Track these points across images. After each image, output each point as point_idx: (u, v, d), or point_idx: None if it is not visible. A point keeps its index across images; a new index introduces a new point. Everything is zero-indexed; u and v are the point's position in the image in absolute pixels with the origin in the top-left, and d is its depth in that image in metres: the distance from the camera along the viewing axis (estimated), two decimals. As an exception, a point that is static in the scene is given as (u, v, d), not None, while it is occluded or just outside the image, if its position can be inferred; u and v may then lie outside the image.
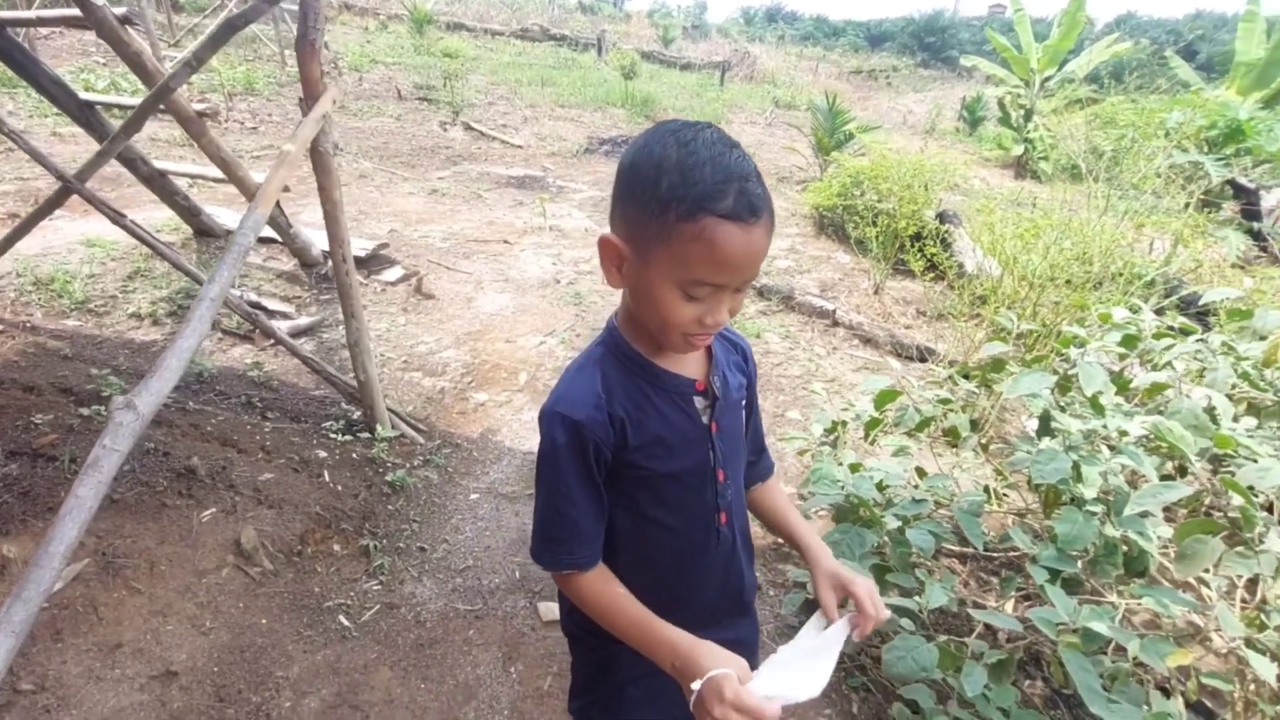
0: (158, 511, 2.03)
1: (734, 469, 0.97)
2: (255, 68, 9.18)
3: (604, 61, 14.43)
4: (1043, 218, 3.59)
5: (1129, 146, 5.22)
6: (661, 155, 0.74)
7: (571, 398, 0.85)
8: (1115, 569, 1.59)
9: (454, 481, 2.58)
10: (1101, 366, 1.74)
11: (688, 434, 0.89)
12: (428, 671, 1.81)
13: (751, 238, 0.74)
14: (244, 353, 3.17)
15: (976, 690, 1.40)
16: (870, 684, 1.86)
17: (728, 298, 0.79)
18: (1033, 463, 1.65)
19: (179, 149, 5.98)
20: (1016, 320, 2.25)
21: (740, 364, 1.00)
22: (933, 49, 27.58)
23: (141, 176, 3.57)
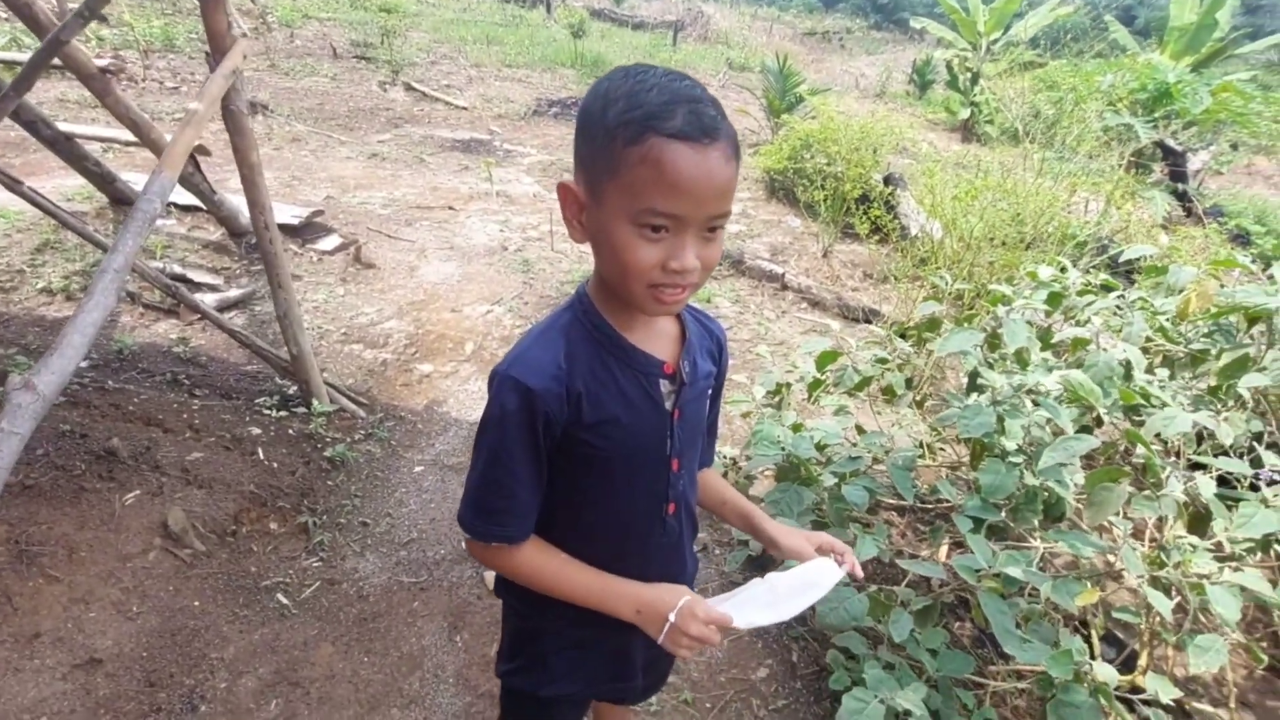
0: (76, 496, 1.93)
1: (689, 459, 0.93)
2: (175, 22, 8.54)
3: (553, 20, 13.95)
4: (980, 180, 3.66)
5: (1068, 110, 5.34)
6: (609, 88, 0.71)
7: (529, 363, 0.79)
8: (1036, 515, 1.67)
9: (397, 455, 2.53)
10: (1026, 323, 1.80)
11: (647, 417, 0.85)
12: (371, 645, 1.79)
13: (706, 159, 0.68)
14: (168, 328, 3.01)
15: (903, 635, 1.46)
16: (808, 634, 1.92)
17: (691, 238, 0.71)
18: (960, 417, 1.71)
19: (90, 110, 5.55)
20: (951, 280, 2.30)
21: (714, 352, 0.96)
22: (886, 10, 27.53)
23: (45, 140, 3.30)
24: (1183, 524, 1.50)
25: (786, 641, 1.93)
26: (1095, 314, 1.90)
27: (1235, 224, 5.63)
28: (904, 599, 1.56)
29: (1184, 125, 5.86)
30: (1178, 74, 5.41)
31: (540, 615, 0.97)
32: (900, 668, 1.54)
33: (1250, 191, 8.29)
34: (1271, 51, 11.68)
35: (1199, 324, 2.00)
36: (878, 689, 1.38)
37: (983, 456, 1.82)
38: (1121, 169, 4.79)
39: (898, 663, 1.57)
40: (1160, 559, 1.41)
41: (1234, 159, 8.36)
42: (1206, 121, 5.47)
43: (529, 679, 1.01)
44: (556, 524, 0.89)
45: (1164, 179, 5.83)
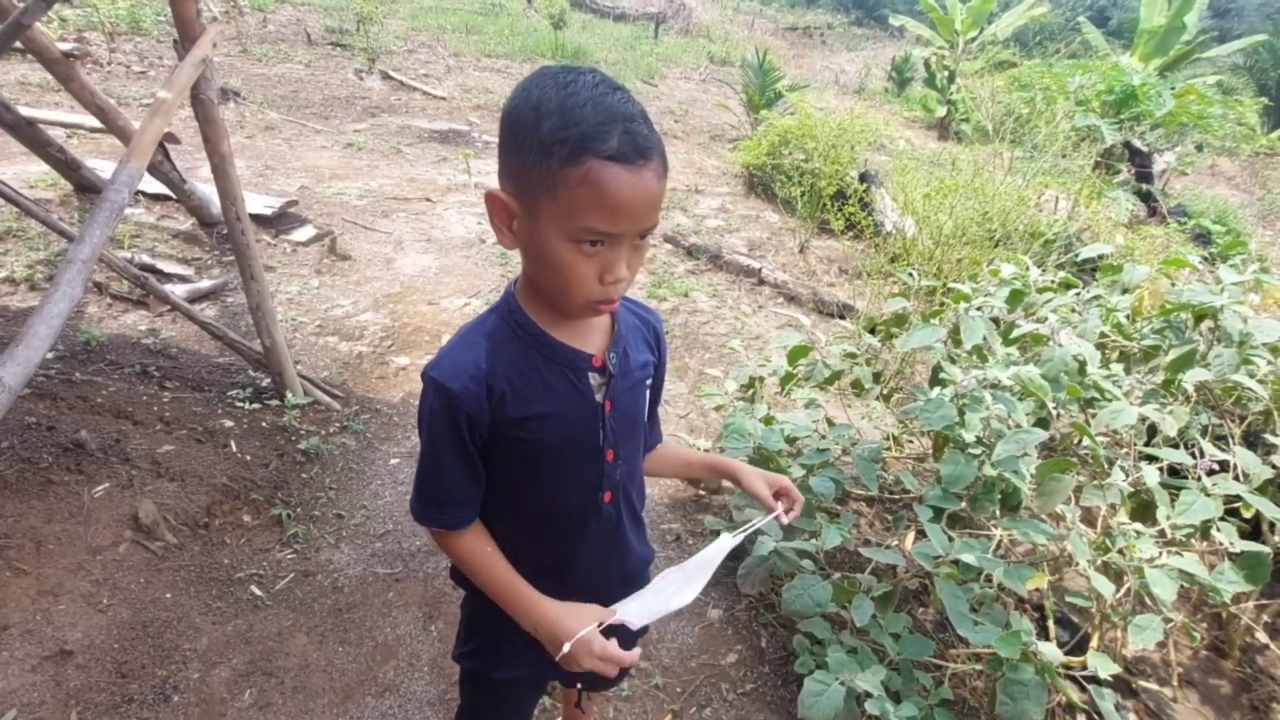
0: (43, 489, 1.91)
1: (628, 448, 0.95)
2: (142, 4, 8.31)
3: (533, 10, 13.81)
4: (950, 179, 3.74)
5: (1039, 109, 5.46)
6: (540, 98, 0.70)
7: (449, 365, 0.82)
8: (993, 505, 1.74)
9: (373, 447, 2.54)
10: (986, 319, 1.86)
11: (576, 410, 0.87)
12: (345, 635, 1.80)
13: (641, 180, 0.71)
14: (137, 319, 2.97)
15: (865, 619, 1.52)
16: (776, 620, 1.98)
17: (625, 250, 0.75)
18: (922, 411, 1.77)
19: (54, 94, 5.40)
20: (919, 277, 2.36)
21: (649, 341, 0.98)
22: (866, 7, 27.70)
23: (5, 125, 3.21)
24: (1126, 511, 1.57)
25: (755, 628, 1.99)
26: (1053, 311, 1.97)
27: (1196, 223, 5.81)
28: (866, 585, 1.62)
29: (1150, 127, 6.02)
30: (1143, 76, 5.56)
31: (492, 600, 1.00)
32: (862, 651, 1.60)
33: (1212, 192, 8.55)
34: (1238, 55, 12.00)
35: (1152, 320, 2.08)
36: (839, 671, 1.44)
37: (944, 448, 1.88)
38: (1090, 169, 4.92)
39: (860, 647, 1.63)
40: (1106, 545, 1.48)
41: (1198, 160, 8.60)
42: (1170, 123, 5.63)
43: (482, 661, 1.05)
44: (501, 514, 0.92)
45: (1130, 179, 5.99)
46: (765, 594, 2.07)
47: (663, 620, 1.98)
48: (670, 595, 0.90)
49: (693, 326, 3.77)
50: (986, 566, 1.42)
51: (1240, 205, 8.22)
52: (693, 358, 3.51)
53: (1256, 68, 12.75)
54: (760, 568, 1.83)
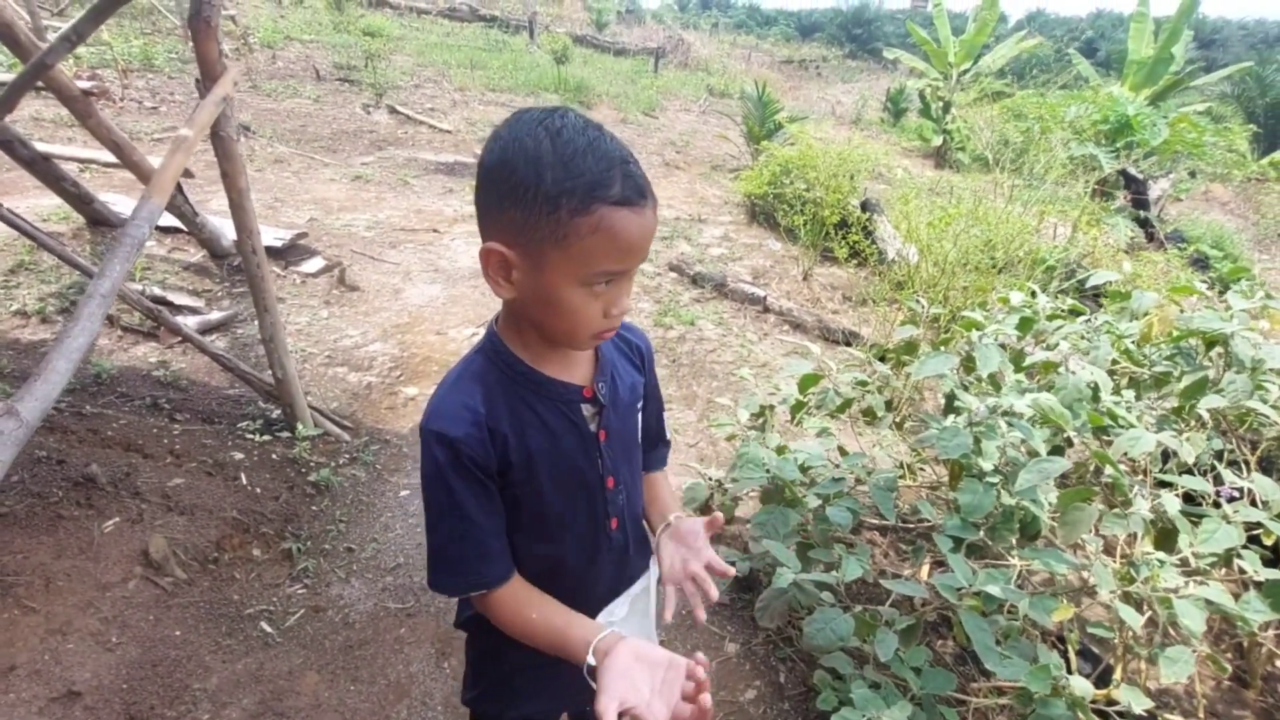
0: (53, 524, 1.89)
1: (626, 472, 0.95)
2: (154, 42, 8.51)
3: (536, 45, 14.14)
4: (954, 206, 3.79)
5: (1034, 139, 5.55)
6: (535, 149, 0.69)
7: (447, 414, 0.80)
8: (1012, 534, 1.72)
9: (383, 479, 2.52)
10: (999, 347, 1.87)
11: (573, 444, 0.86)
12: (358, 673, 1.77)
13: (644, 219, 0.73)
14: (147, 351, 2.98)
15: (889, 654, 1.49)
16: (795, 655, 1.94)
17: (626, 284, 0.78)
18: (938, 439, 1.76)
19: (67, 129, 5.50)
20: (926, 305, 2.37)
21: (635, 361, 0.98)
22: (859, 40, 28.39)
23: (21, 160, 3.27)
24: (1150, 540, 1.56)
25: (774, 663, 1.95)
26: (1064, 338, 1.98)
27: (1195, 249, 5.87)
28: (889, 619, 1.60)
29: (1144, 155, 6.12)
30: (1136, 107, 5.68)
31: (500, 637, 0.96)
32: (886, 686, 1.57)
33: (1208, 217, 8.65)
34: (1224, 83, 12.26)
35: (1161, 347, 2.09)
36: (865, 708, 1.41)
37: (961, 477, 1.87)
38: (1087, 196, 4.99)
39: (883, 682, 1.60)
40: (1130, 575, 1.47)
41: (1192, 186, 8.72)
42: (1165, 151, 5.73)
43: (495, 704, 1.02)
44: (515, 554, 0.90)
45: (1126, 206, 6.07)
46: (782, 627, 2.04)
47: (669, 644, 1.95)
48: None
49: (699, 355, 3.78)
50: (1011, 598, 1.40)
51: (1236, 230, 8.31)
52: (700, 386, 3.51)
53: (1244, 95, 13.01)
54: (779, 600, 1.81)
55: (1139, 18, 8.84)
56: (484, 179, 0.74)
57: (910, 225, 3.74)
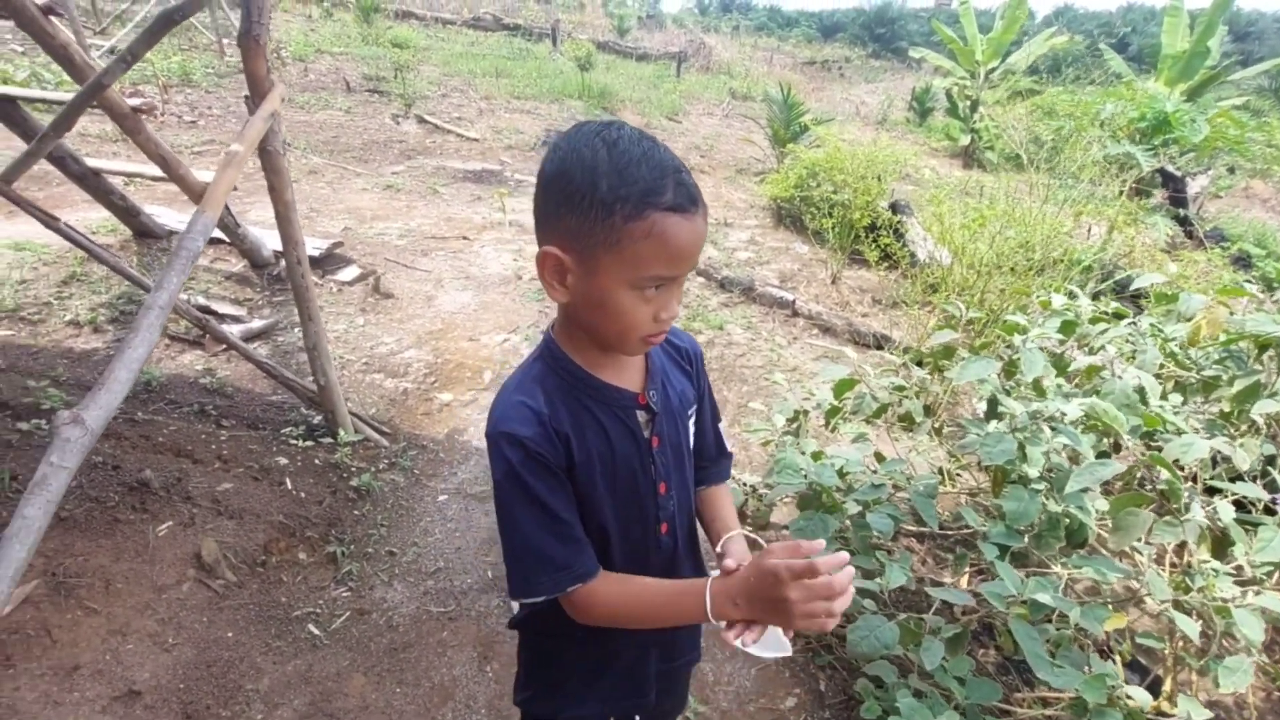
0: (110, 527, 1.96)
1: (677, 480, 0.96)
2: (191, 57, 8.78)
3: (559, 52, 14.27)
4: (988, 207, 3.74)
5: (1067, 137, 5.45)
6: (593, 159, 0.73)
7: (512, 416, 0.82)
8: (1058, 541, 1.69)
9: (421, 484, 2.57)
10: (1041, 352, 1.84)
11: (628, 449, 0.88)
12: (403, 675, 1.80)
13: (695, 225, 0.75)
14: (194, 359, 3.07)
15: (935, 663, 1.48)
16: (836, 662, 1.93)
17: (676, 289, 0.80)
18: (981, 445, 1.74)
19: (111, 144, 5.70)
20: (964, 308, 2.35)
21: (685, 368, 0.99)
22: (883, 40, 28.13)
23: (72, 175, 3.40)
24: (1206, 548, 1.52)
25: (814, 670, 1.94)
26: (1109, 342, 1.94)
27: (1237, 247, 5.70)
28: (934, 627, 1.58)
29: (1181, 152, 5.97)
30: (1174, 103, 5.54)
31: (553, 640, 1.00)
32: (931, 696, 1.55)
33: (1249, 215, 8.40)
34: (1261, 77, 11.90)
35: (1210, 350, 2.04)
36: (911, 717, 1.39)
37: (1004, 483, 1.84)
38: (1124, 195, 4.88)
39: (928, 691, 1.58)
40: (1184, 584, 1.43)
41: (1231, 183, 8.48)
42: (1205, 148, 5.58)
43: (547, 704, 1.04)
44: None
45: (1165, 204, 5.92)
46: (822, 635, 2.03)
47: (718, 661, 1.95)
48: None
49: (729, 359, 3.78)
50: (1062, 607, 1.38)
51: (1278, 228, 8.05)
52: (730, 390, 3.51)
53: (1282, 89, 12.60)
54: (818, 607, 1.80)
55: (1173, 11, 8.62)
56: (543, 188, 0.78)
57: (943, 227, 3.69)
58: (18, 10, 2.37)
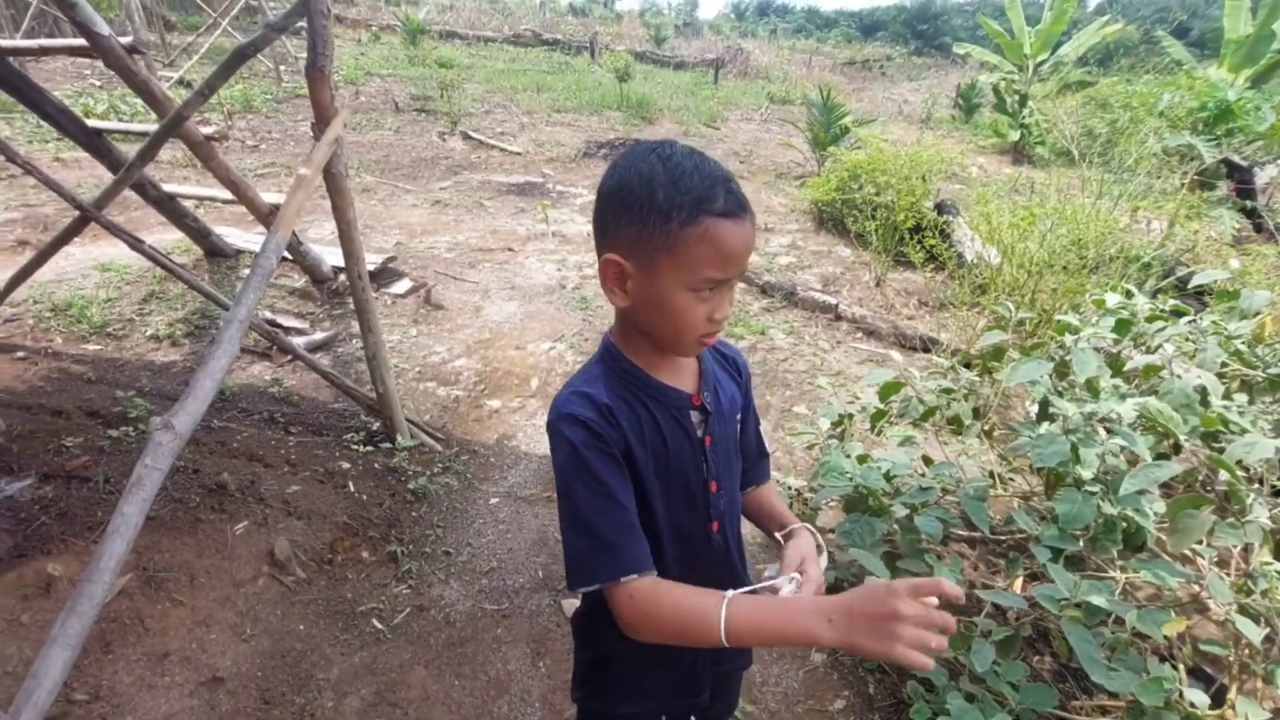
0: (193, 526, 2.11)
1: (727, 479, 0.99)
2: (252, 85, 9.28)
3: (597, 64, 14.49)
4: (1038, 205, 3.65)
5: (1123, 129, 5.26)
6: (649, 172, 0.79)
7: (573, 403, 0.86)
8: (1115, 545, 1.66)
9: (473, 487, 2.66)
10: (1095, 352, 1.81)
11: (683, 447, 0.92)
12: (460, 669, 1.89)
13: (745, 230, 0.81)
14: (263, 369, 3.26)
15: (985, 666, 1.47)
16: (885, 665, 1.93)
17: (730, 291, 0.85)
18: (1033, 447, 1.72)
19: (182, 169, 6.07)
20: (1014, 309, 2.31)
21: (734, 375, 1.04)
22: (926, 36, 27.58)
23: (151, 200, 3.65)
24: (1269, 550, 1.47)
25: (862, 673, 1.94)
26: (1167, 340, 1.89)
27: (1313, 239, 5.39)
28: (986, 629, 1.57)
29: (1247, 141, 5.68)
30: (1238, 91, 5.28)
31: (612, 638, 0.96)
32: (983, 700, 1.54)
33: (1328, 204, 7.90)
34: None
35: (1276, 348, 1.96)
36: (962, 719, 1.39)
37: (1059, 486, 1.82)
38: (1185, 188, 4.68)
39: (980, 694, 1.57)
40: (1247, 587, 1.39)
41: (1307, 171, 8.00)
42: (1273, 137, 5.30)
43: (603, 701, 1.08)
44: None
45: (1231, 196, 5.64)
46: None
47: (766, 662, 1.97)
48: None
49: (771, 364, 3.79)
50: (1118, 610, 1.36)
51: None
52: (773, 395, 3.51)
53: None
54: (866, 609, 1.80)
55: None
56: (603, 201, 0.85)
57: (991, 226, 3.62)
58: (106, 50, 2.58)
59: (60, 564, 1.91)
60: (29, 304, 3.52)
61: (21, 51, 2.97)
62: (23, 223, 4.61)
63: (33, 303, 3.53)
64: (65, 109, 3.18)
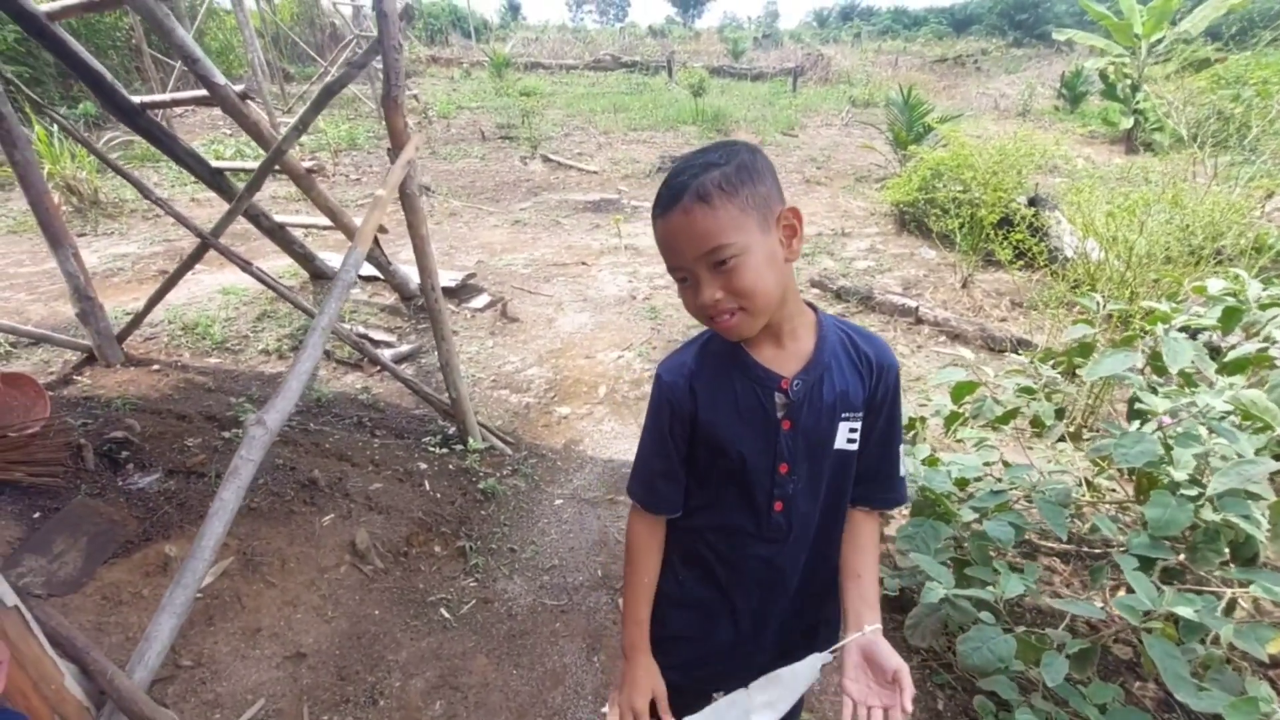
0: (287, 517, 2.32)
1: (807, 470, 0.96)
2: (357, 125, 10.12)
3: (674, 82, 14.69)
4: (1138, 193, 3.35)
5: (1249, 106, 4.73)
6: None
7: (668, 364, 1.00)
8: (1218, 556, 1.49)
9: (540, 489, 2.75)
10: (1188, 341, 1.64)
11: (756, 422, 0.94)
12: (519, 659, 1.95)
13: (669, 222, 0.85)
14: (354, 379, 3.53)
15: (1057, 679, 1.35)
16: (954, 681, 1.81)
17: (704, 278, 0.85)
18: (1116, 446, 1.58)
19: (294, 204, 6.71)
20: (1102, 301, 2.13)
21: (863, 373, 0.97)
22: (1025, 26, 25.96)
23: (264, 230, 4.07)
24: None
25: (930, 688, 1.83)
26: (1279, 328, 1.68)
27: None
28: (1059, 641, 1.45)
29: None
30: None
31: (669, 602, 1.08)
32: (1058, 718, 1.42)
33: None
34: None
35: None
36: (1030, 736, 1.29)
37: (1150, 490, 1.65)
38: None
39: (1055, 713, 1.45)
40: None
41: None
42: None
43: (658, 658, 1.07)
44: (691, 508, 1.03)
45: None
46: (939, 650, 1.91)
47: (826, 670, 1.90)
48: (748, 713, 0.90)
49: (845, 369, 3.67)
50: (1211, 624, 1.22)
51: None
52: (846, 401, 3.40)
53: None
54: (931, 618, 1.71)
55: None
56: None
57: (1085, 218, 3.36)
58: (223, 98, 2.93)
59: (176, 546, 2.15)
60: (164, 324, 4.00)
61: (156, 105, 3.41)
62: (164, 255, 5.26)
63: (168, 323, 4.01)
64: (192, 151, 3.62)
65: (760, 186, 0.85)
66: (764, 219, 0.85)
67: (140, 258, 5.22)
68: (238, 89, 2.95)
